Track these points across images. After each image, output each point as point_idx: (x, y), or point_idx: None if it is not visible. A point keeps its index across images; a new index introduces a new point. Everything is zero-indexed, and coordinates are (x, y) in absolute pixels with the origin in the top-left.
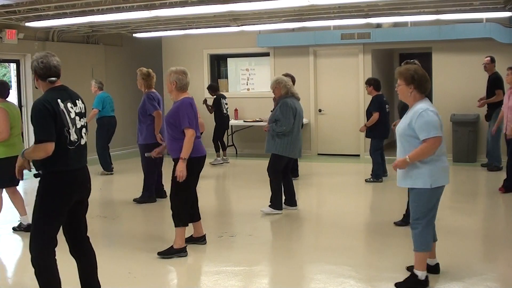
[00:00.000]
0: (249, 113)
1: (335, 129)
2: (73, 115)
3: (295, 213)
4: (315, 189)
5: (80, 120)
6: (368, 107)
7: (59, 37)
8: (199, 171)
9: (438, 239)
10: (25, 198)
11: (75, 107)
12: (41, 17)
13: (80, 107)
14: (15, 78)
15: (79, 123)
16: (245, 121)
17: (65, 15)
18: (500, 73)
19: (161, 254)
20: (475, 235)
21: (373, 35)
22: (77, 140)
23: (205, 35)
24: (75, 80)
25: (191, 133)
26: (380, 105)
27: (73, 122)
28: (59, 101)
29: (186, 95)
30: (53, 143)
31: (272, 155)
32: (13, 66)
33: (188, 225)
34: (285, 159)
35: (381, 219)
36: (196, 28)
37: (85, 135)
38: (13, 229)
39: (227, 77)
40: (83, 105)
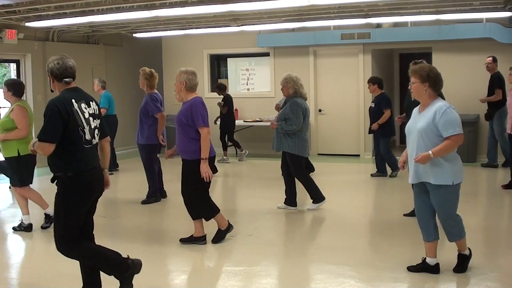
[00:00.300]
0: (249, 113)
1: (335, 129)
2: (87, 115)
3: (295, 213)
4: None
5: (93, 121)
6: (372, 106)
7: (59, 37)
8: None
9: (439, 238)
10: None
11: (89, 108)
12: (41, 17)
13: (93, 109)
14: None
15: (93, 124)
16: (245, 121)
17: (65, 15)
18: (501, 73)
19: (215, 240)
20: (475, 235)
21: (373, 35)
22: (91, 139)
23: (205, 35)
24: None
25: (206, 131)
26: (389, 102)
27: (87, 122)
28: (74, 101)
29: (195, 95)
30: (53, 145)
31: (291, 158)
32: (13, 66)
33: (219, 210)
34: (303, 157)
35: (381, 219)
36: (196, 28)
37: (97, 136)
38: (13, 229)
39: (227, 77)
40: (97, 107)
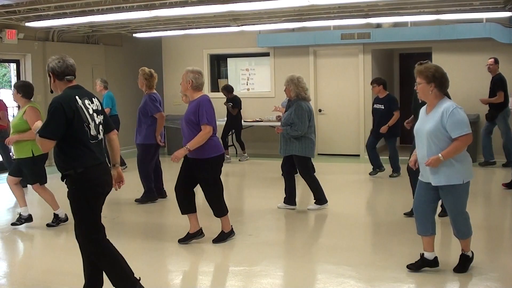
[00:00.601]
0: (249, 113)
1: (335, 129)
2: (91, 111)
3: (296, 213)
4: None
5: (97, 116)
6: (378, 108)
7: (59, 37)
8: (221, 166)
9: (436, 233)
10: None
11: (92, 104)
12: (41, 17)
13: (96, 105)
14: (15, 78)
15: (97, 120)
16: (245, 121)
17: (65, 15)
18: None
19: (216, 241)
20: (475, 234)
21: (373, 35)
22: (96, 135)
23: (205, 35)
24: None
25: (208, 130)
26: (398, 104)
27: (92, 118)
28: (77, 97)
29: (202, 94)
30: (53, 142)
31: (298, 160)
32: (13, 66)
33: (228, 211)
34: (309, 159)
35: (381, 219)
36: (196, 28)
37: (102, 131)
38: (12, 224)
39: (227, 77)
40: (99, 103)
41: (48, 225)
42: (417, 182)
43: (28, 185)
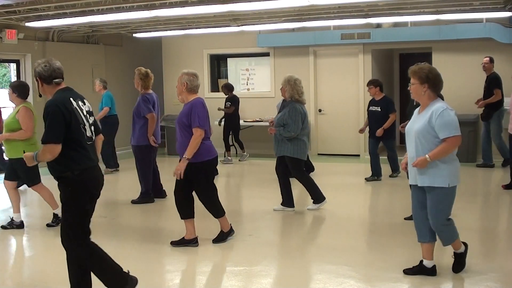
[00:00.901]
0: (249, 113)
1: (335, 129)
2: (85, 113)
3: (295, 213)
4: None
5: (90, 118)
6: (374, 109)
7: (59, 37)
8: (214, 171)
9: (436, 240)
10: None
11: (84, 105)
12: (41, 17)
13: (88, 106)
14: (15, 78)
15: (90, 120)
16: (245, 121)
17: (65, 15)
18: (498, 73)
19: (216, 241)
20: (475, 235)
21: (373, 35)
22: (91, 136)
23: (205, 35)
24: (76, 80)
25: (199, 133)
26: (394, 106)
27: (86, 119)
28: (72, 99)
29: (196, 97)
30: (60, 145)
31: (291, 161)
32: (13, 66)
33: (224, 212)
34: (302, 160)
35: (381, 219)
36: (196, 28)
37: (94, 132)
38: (2, 227)
39: (227, 77)
40: (90, 105)
41: (48, 225)
42: None
43: (25, 185)
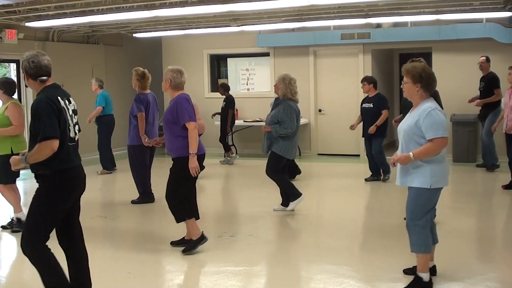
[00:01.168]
0: (249, 113)
1: (335, 129)
2: (70, 112)
3: (295, 213)
4: (315, 190)
5: (75, 117)
6: (367, 107)
7: (59, 37)
8: (199, 170)
9: (438, 240)
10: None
11: (70, 104)
12: (41, 17)
13: (73, 105)
14: (15, 78)
15: (74, 120)
16: (245, 121)
17: (65, 15)
18: (498, 73)
19: (186, 251)
20: (475, 235)
21: (373, 35)
22: (74, 136)
23: (205, 35)
24: (75, 80)
25: (194, 126)
26: (387, 103)
27: (71, 119)
28: (59, 98)
29: (181, 93)
30: (58, 140)
31: (272, 157)
32: (13, 66)
33: (194, 216)
34: (284, 159)
35: (381, 219)
36: (196, 28)
37: (78, 132)
38: (2, 227)
39: (227, 77)
40: (74, 103)
41: (3, 227)
42: None
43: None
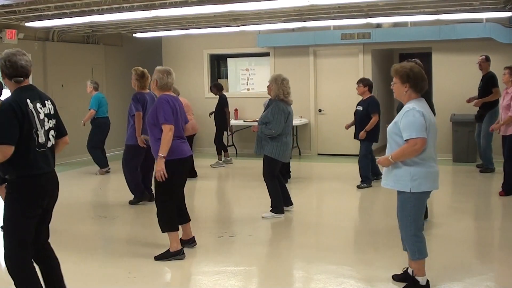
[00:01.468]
0: (249, 113)
1: (335, 129)
2: (42, 116)
3: (295, 213)
4: (315, 190)
5: (48, 121)
6: (359, 109)
7: (59, 37)
8: (183, 174)
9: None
10: None
11: (44, 107)
12: (41, 17)
13: (49, 108)
14: None
15: (47, 125)
16: (245, 121)
17: (65, 15)
18: (498, 73)
19: (158, 257)
20: (475, 235)
21: (373, 35)
22: (45, 142)
23: (205, 35)
24: (75, 80)
25: (168, 129)
26: (379, 106)
27: (42, 123)
28: (28, 101)
29: (166, 94)
30: (12, 147)
31: (267, 160)
32: None
33: (178, 228)
34: (279, 162)
35: (381, 219)
36: (196, 28)
37: (52, 137)
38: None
39: (227, 77)
40: (53, 106)
41: None
42: None
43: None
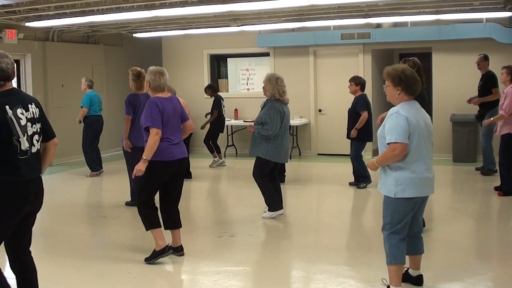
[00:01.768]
0: (249, 113)
1: (335, 129)
2: (23, 122)
3: (295, 213)
4: (315, 190)
5: (32, 126)
6: (351, 108)
7: (59, 37)
8: (163, 177)
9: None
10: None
11: (27, 112)
12: (41, 17)
13: (32, 112)
14: (15, 78)
15: (30, 130)
16: (245, 121)
17: (65, 15)
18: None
19: (147, 260)
20: (475, 235)
21: (373, 35)
22: (29, 148)
23: (205, 35)
24: (75, 80)
25: (154, 133)
26: (367, 104)
27: (24, 129)
28: (7, 107)
29: (160, 95)
30: None
31: (258, 159)
32: None
33: (159, 225)
34: (271, 163)
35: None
36: (196, 28)
37: (37, 142)
38: None
39: (227, 77)
40: (37, 109)
41: None
42: None
43: None
